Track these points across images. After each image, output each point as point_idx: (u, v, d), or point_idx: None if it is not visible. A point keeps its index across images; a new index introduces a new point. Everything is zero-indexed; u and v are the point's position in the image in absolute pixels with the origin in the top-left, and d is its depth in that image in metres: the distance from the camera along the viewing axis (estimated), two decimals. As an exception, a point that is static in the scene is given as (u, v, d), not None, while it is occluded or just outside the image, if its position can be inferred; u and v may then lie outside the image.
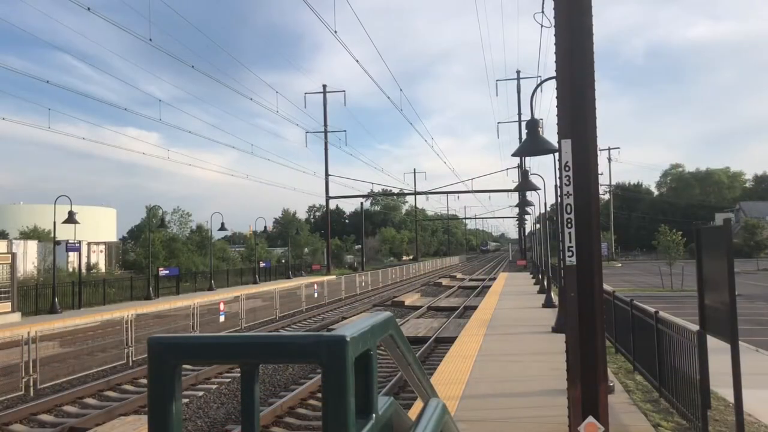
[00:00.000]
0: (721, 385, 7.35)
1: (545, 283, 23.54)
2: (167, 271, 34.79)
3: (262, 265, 47.05)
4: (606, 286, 7.80)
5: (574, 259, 5.43)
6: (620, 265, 66.04)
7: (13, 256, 22.41)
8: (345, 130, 68.14)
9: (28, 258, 39.27)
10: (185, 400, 10.73)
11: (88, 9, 20.45)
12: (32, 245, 41.00)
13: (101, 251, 48.61)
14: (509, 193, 67.26)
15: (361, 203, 70.10)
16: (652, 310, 8.41)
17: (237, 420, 9.65)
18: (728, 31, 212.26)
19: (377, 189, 78.22)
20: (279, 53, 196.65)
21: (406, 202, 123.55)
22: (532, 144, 7.71)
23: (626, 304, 10.25)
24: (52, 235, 26.14)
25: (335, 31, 22.63)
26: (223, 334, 1.44)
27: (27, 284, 27.30)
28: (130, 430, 8.43)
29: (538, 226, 40.49)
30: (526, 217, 53.84)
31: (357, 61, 26.05)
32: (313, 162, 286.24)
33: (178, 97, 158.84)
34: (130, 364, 14.27)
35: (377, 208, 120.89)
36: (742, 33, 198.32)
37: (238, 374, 4.22)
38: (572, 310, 5.45)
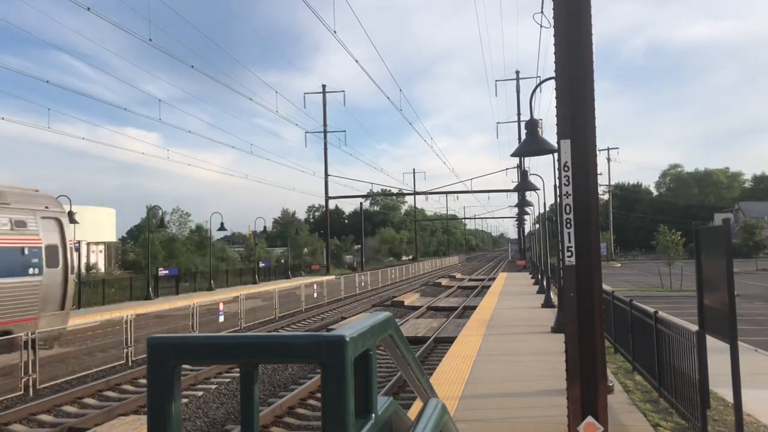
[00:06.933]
0: (720, 385, 7.36)
1: (544, 283, 23.56)
2: (167, 272, 34.77)
3: (261, 265, 47.03)
4: (605, 286, 7.81)
5: (573, 259, 5.43)
6: (619, 265, 66.10)
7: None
8: (344, 130, 68.38)
9: (28, 258, 39.21)
10: (185, 400, 10.72)
11: (88, 9, 20.44)
12: (31, 245, 40.94)
13: (101, 251, 48.65)
14: (508, 193, 67.33)
15: (361, 203, 70.12)
16: (652, 310, 8.42)
17: (237, 420, 9.65)
18: (729, 31, 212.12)
19: (376, 189, 78.36)
20: (278, 53, 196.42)
21: (406, 202, 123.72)
22: (531, 144, 7.72)
23: (625, 304, 10.26)
24: (52, 235, 26.07)
25: (335, 31, 22.64)
26: (222, 334, 1.44)
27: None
28: (130, 430, 8.43)
29: (537, 226, 40.48)
30: (526, 217, 53.85)
31: (356, 61, 26.11)
32: (312, 162, 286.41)
33: (177, 97, 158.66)
34: (130, 364, 14.27)
35: (376, 208, 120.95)
36: (743, 32, 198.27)
37: (238, 374, 4.21)
38: (571, 310, 5.45)
